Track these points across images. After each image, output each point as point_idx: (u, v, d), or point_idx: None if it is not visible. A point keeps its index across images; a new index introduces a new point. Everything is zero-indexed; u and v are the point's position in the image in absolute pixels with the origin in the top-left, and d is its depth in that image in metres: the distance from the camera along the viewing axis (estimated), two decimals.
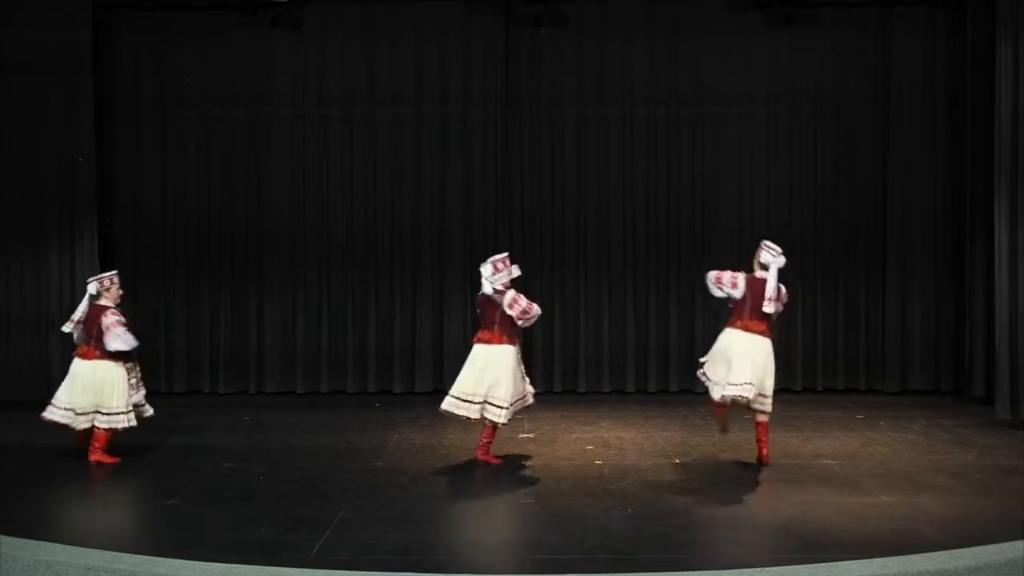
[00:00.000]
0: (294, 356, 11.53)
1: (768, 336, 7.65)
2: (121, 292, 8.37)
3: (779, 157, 11.55)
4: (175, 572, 5.38)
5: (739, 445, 8.58)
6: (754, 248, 11.35)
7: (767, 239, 8.12)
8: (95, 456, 8.02)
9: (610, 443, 8.81)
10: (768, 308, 7.59)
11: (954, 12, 11.23)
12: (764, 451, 7.86)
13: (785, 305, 7.90)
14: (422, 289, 11.53)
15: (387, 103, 11.53)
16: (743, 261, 11.37)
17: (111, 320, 8.04)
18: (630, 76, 11.51)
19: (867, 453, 8.34)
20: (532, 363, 11.52)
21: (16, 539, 5.83)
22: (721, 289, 7.90)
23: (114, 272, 8.50)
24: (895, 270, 11.42)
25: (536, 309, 7.93)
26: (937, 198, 11.43)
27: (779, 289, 7.73)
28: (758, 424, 7.83)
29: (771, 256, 7.79)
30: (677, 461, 8.06)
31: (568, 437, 9.07)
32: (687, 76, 11.49)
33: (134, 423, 8.12)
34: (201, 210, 11.57)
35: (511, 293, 7.91)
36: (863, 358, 11.52)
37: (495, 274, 7.90)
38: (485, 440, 8.01)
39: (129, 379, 8.11)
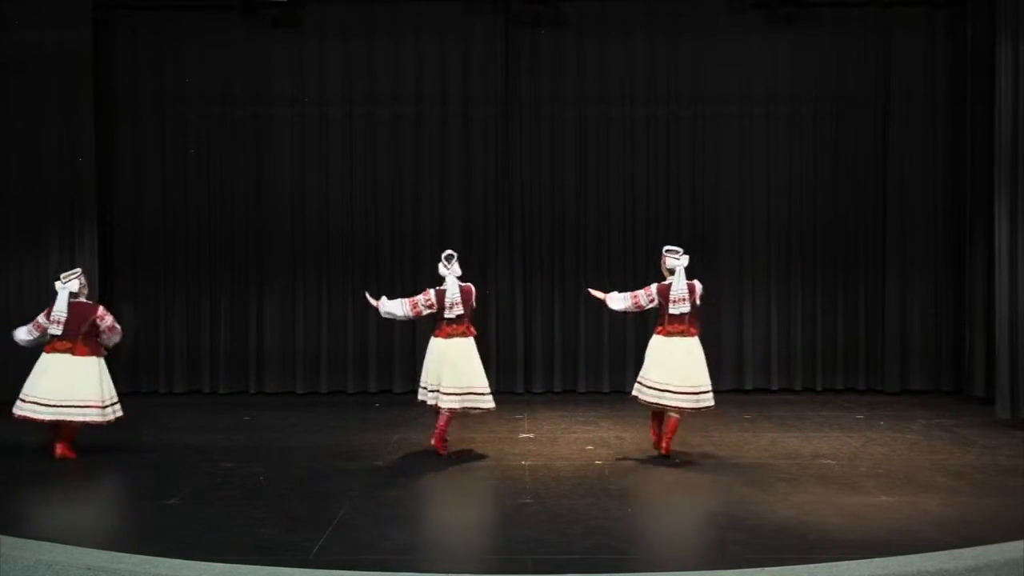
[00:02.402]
0: (294, 356, 11.53)
1: (688, 335, 8.04)
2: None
3: (779, 157, 11.55)
4: (175, 572, 5.39)
5: (739, 446, 8.60)
6: (753, 248, 11.49)
7: (669, 246, 8.42)
8: (64, 451, 8.13)
9: (610, 443, 8.81)
10: (675, 309, 8.02)
11: (954, 12, 11.22)
12: (667, 443, 8.13)
13: (703, 299, 8.30)
14: (422, 289, 11.48)
15: (387, 103, 11.53)
16: (743, 260, 11.53)
17: (111, 319, 8.34)
18: (630, 76, 11.50)
19: (867, 453, 8.34)
20: (532, 363, 11.57)
21: (16, 539, 5.83)
22: (643, 307, 8.30)
23: (81, 270, 8.69)
24: (895, 270, 11.42)
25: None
26: (937, 198, 11.43)
27: (691, 288, 8.08)
28: (672, 419, 8.04)
29: (674, 259, 8.13)
30: (677, 461, 8.06)
31: (568, 437, 9.08)
32: (687, 76, 11.49)
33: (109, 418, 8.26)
34: (201, 210, 11.57)
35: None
36: (863, 358, 11.51)
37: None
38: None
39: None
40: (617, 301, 8.41)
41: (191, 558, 5.57)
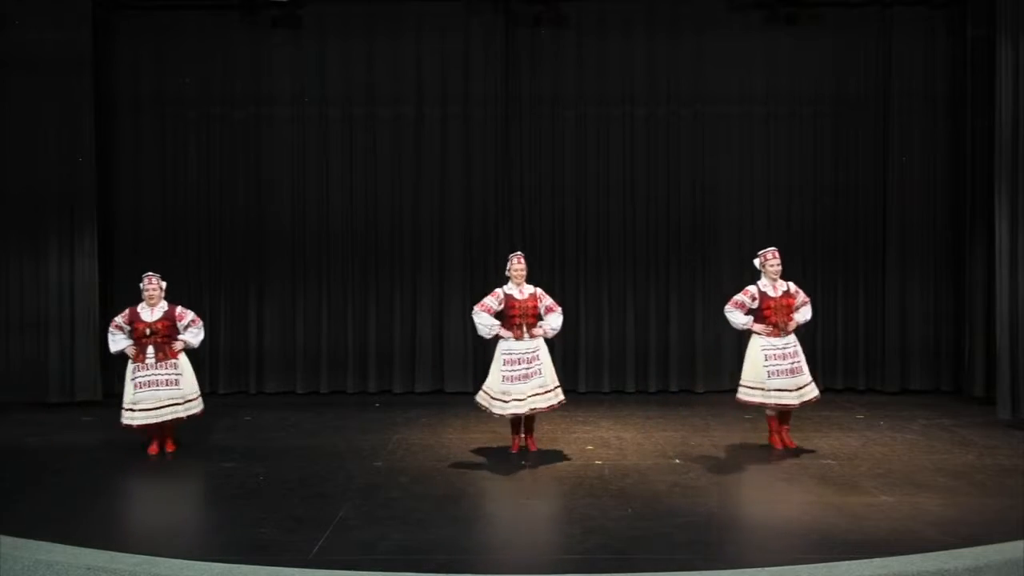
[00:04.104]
0: (294, 356, 11.53)
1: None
2: (151, 291, 8.73)
3: (779, 157, 11.54)
4: (175, 572, 5.39)
5: (739, 446, 8.60)
6: (753, 248, 11.40)
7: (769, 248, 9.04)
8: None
9: (610, 443, 8.81)
10: None
11: (954, 12, 11.21)
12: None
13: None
14: (422, 289, 11.53)
15: (387, 103, 11.51)
16: (743, 260, 11.48)
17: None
18: (630, 76, 11.50)
19: (867, 453, 8.34)
20: None
21: (16, 539, 5.85)
22: None
23: (147, 273, 8.86)
24: (895, 270, 11.41)
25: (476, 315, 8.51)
26: (937, 198, 11.42)
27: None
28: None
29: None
30: (677, 461, 8.07)
31: (568, 437, 9.07)
32: (687, 76, 11.48)
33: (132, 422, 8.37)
34: (201, 210, 11.56)
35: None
36: (862, 358, 11.51)
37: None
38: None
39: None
40: None
41: (191, 558, 5.57)
